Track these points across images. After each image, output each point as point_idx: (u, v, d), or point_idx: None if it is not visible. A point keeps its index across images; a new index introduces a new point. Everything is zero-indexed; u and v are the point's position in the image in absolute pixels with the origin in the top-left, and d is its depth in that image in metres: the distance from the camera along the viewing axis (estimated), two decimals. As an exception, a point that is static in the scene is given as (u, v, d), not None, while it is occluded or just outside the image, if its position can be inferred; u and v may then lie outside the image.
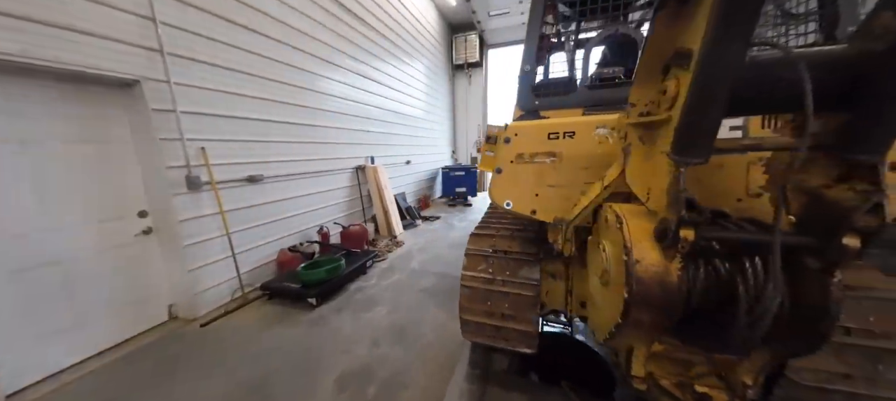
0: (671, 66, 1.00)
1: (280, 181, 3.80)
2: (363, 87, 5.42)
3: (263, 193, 3.60)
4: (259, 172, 3.51)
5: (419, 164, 7.85)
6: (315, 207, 4.39)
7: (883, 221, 0.85)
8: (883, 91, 0.80)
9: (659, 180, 1.07)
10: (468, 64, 9.61)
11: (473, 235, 2.26)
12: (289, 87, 3.84)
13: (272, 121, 3.65)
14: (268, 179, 3.62)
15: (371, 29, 5.55)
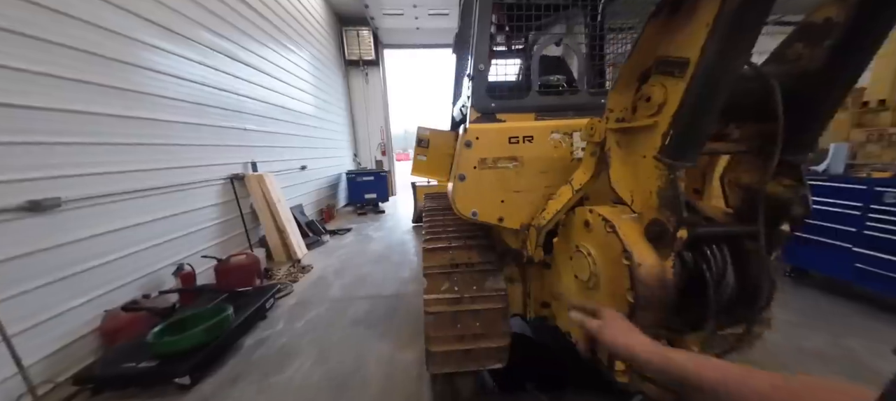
0: (652, 74, 1.00)
1: (95, 205, 2.41)
2: (233, 72, 4.15)
3: (62, 227, 2.20)
4: (51, 194, 2.12)
5: (317, 169, 6.74)
6: (165, 238, 3.03)
7: (808, 211, 1.04)
8: (803, 105, 0.93)
9: (642, 183, 1.07)
10: (363, 61, 8.92)
11: (427, 250, 1.92)
12: (97, 59, 2.48)
13: (68, 111, 2.27)
14: (69, 204, 2.23)
15: (240, 1, 4.31)
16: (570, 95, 1.82)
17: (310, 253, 4.71)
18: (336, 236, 5.64)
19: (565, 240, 1.47)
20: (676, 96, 0.92)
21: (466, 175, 1.62)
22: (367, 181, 7.36)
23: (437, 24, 8.53)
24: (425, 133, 2.73)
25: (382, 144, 9.74)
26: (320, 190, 6.92)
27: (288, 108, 5.63)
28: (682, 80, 0.90)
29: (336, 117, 8.04)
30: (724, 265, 1.10)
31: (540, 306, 1.86)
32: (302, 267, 4.12)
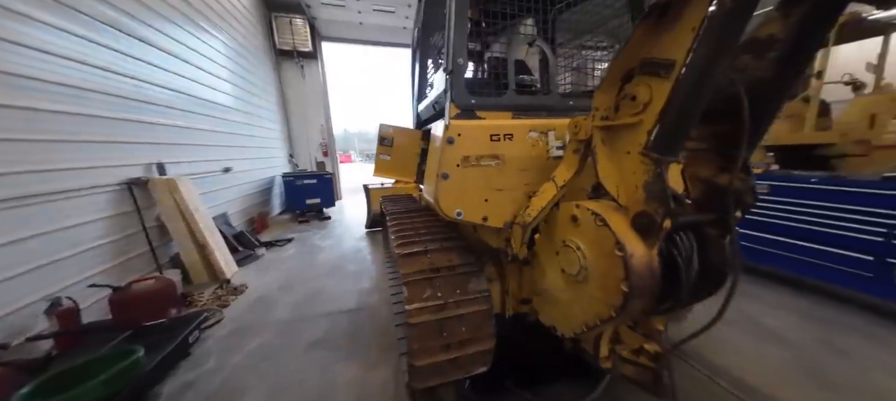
0: (636, 74, 1.07)
1: None
2: (131, 52, 3.32)
3: None
4: None
5: (245, 172, 5.86)
6: (31, 265, 2.25)
7: (756, 199, 1.24)
8: (752, 110, 1.06)
9: (627, 178, 1.14)
10: (299, 52, 8.09)
11: (403, 256, 1.78)
12: None
13: None
14: None
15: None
16: (543, 96, 1.87)
17: (242, 270, 4.03)
18: (274, 249, 4.95)
19: (549, 236, 1.49)
20: (662, 95, 0.98)
21: (450, 174, 1.53)
22: (308, 185, 6.66)
23: (381, 20, 8.21)
24: (389, 131, 2.55)
25: (324, 144, 8.97)
26: (249, 196, 6.02)
27: (205, 99, 4.75)
28: (668, 80, 0.96)
29: (266, 112, 7.11)
30: (691, 250, 1.23)
31: (519, 303, 1.88)
32: (233, 288, 3.49)
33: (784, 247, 3.08)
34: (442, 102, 1.86)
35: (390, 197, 3.86)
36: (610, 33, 2.15)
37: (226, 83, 5.44)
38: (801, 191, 2.96)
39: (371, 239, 5.34)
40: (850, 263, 2.62)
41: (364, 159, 57.39)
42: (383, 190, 5.48)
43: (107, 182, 2.91)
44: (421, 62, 2.59)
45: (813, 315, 2.65)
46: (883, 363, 2.07)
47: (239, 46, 6.01)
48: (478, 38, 2.24)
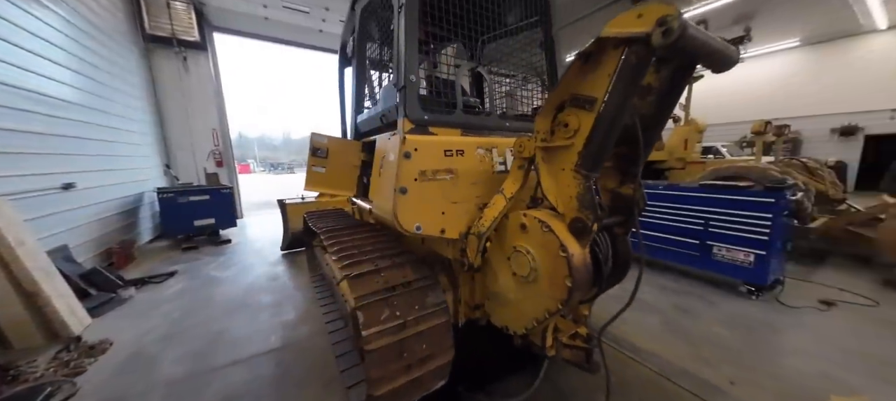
0: (567, 105, 1.33)
1: None
2: None
3: None
4: None
5: (96, 188, 4.43)
6: None
7: (645, 204, 1.64)
8: (640, 138, 1.41)
9: (563, 190, 1.39)
10: (179, 41, 6.64)
11: (353, 278, 1.67)
12: None
13: None
14: None
15: None
16: (485, 117, 2.04)
17: (99, 321, 3.01)
18: (148, 287, 3.85)
19: (500, 243, 1.63)
20: (588, 124, 1.23)
21: (408, 188, 1.53)
22: (197, 202, 5.43)
23: (292, 19, 7.46)
24: (323, 141, 2.34)
25: (217, 152, 7.49)
26: (104, 220, 4.56)
27: (34, 91, 3.44)
28: (591, 112, 1.22)
29: (126, 110, 5.53)
30: (607, 247, 1.55)
31: (471, 309, 1.96)
32: (88, 347, 2.57)
33: (645, 238, 4.08)
34: (392, 115, 1.84)
35: (316, 213, 3.50)
36: (530, 67, 2.51)
37: (66, 71, 4.04)
38: (653, 195, 3.97)
39: (290, 262, 4.70)
40: (685, 246, 3.65)
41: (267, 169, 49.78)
42: (304, 205, 4.93)
43: None
44: (358, 73, 2.48)
45: (668, 287, 3.58)
46: (715, 318, 2.93)
47: (82, 22, 4.55)
48: (424, 58, 2.31)
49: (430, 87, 2.20)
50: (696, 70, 1.38)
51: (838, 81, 10.90)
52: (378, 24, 2.22)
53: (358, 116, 2.55)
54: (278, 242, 5.41)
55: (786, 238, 3.14)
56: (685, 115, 6.33)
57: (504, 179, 1.84)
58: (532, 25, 2.25)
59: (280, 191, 17.02)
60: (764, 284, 3.09)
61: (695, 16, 8.23)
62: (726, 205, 3.25)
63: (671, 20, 0.85)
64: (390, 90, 1.83)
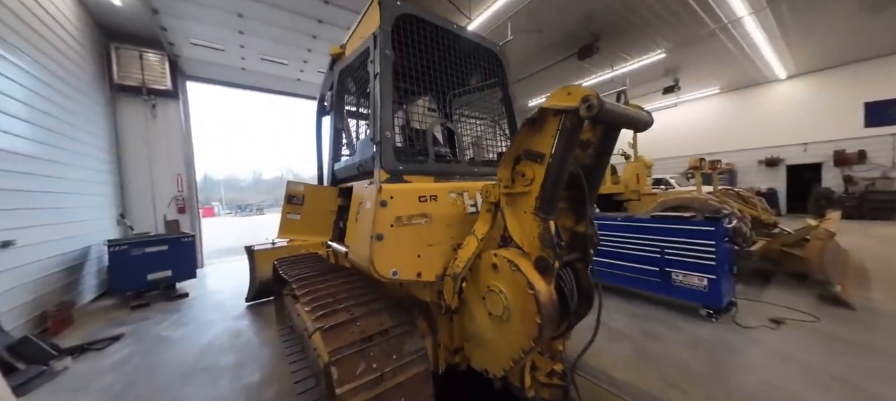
0: (522, 159, 1.53)
1: None
2: None
3: None
4: None
5: (35, 245, 4.02)
6: None
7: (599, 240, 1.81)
8: (587, 181, 1.63)
9: (527, 231, 1.56)
10: (149, 90, 6.58)
11: (327, 331, 1.66)
12: None
13: None
14: None
15: None
16: (455, 164, 2.21)
17: (25, 400, 2.60)
18: (88, 356, 3.41)
19: (475, 283, 1.70)
20: (541, 175, 1.42)
21: (384, 234, 1.59)
22: (152, 254, 5.04)
23: (269, 69, 7.71)
24: (299, 189, 2.38)
25: (180, 199, 7.13)
26: (42, 280, 4.09)
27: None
28: (542, 165, 1.41)
29: (81, 159, 5.24)
30: (571, 282, 1.67)
31: (451, 354, 1.95)
32: (5, 435, 2.20)
33: (612, 266, 4.31)
34: (368, 166, 1.95)
35: (288, 259, 3.39)
36: (492, 121, 2.78)
37: (18, 122, 3.85)
38: (613, 226, 4.28)
39: (255, 314, 4.40)
40: (647, 273, 3.90)
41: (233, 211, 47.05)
42: (275, 251, 4.74)
43: None
44: (335, 125, 2.62)
45: (636, 314, 3.75)
46: (680, 342, 3.09)
47: (46, 74, 4.45)
48: (397, 108, 2.49)
49: (403, 137, 2.37)
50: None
51: (758, 121, 12.75)
52: (355, 82, 2.42)
53: (335, 163, 2.65)
54: (242, 293, 5.07)
55: (731, 262, 3.47)
56: (634, 152, 7.06)
57: (475, 221, 1.96)
58: (491, 85, 2.56)
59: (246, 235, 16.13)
60: (720, 307, 3.34)
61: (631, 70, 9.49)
62: (675, 234, 3.59)
63: (592, 99, 1.07)
64: (367, 143, 1.97)
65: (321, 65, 7.64)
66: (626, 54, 8.54)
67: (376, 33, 1.86)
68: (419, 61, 2.09)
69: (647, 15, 6.78)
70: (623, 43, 7.97)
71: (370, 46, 1.92)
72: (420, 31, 2.04)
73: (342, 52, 2.46)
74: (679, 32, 7.60)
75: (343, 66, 2.41)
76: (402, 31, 1.97)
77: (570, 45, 7.77)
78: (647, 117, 1.32)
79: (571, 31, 7.27)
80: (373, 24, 1.91)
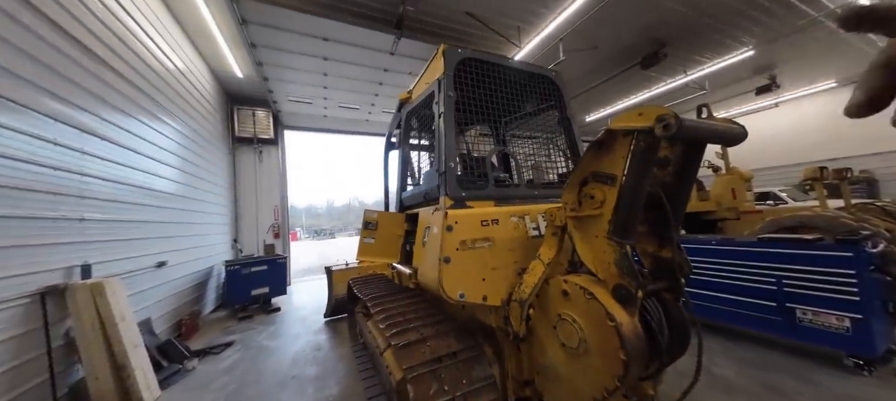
0: (589, 181, 1.47)
1: None
2: (77, 145, 3.08)
3: None
4: None
5: (180, 264, 5.13)
6: None
7: (690, 268, 1.60)
8: (670, 202, 1.47)
9: (600, 256, 1.44)
10: (258, 139, 8.14)
11: (399, 348, 1.75)
12: None
13: None
14: None
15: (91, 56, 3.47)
16: (514, 188, 2.24)
17: (167, 393, 3.26)
18: (208, 358, 4.14)
19: (543, 311, 1.64)
20: (612, 197, 1.34)
21: (451, 257, 1.68)
22: (256, 273, 6.00)
23: (344, 114, 8.91)
24: (373, 216, 2.67)
25: (276, 226, 8.42)
26: (181, 293, 5.17)
27: (146, 187, 4.36)
28: (614, 187, 1.33)
29: (213, 197, 6.63)
30: (660, 314, 1.49)
31: (521, 385, 1.88)
32: (157, 418, 2.77)
33: (710, 299, 3.63)
34: (434, 194, 2.11)
35: (360, 279, 3.72)
36: (548, 141, 2.74)
37: (171, 169, 5.11)
38: (707, 251, 3.67)
39: (332, 330, 4.83)
40: (760, 309, 3.19)
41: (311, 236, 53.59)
42: (348, 271, 5.22)
43: (14, 295, 2.35)
44: (403, 158, 2.92)
45: (751, 361, 3.07)
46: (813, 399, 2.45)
47: (192, 133, 5.87)
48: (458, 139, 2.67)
49: (463, 165, 2.50)
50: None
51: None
52: (420, 120, 2.69)
53: (402, 192, 2.91)
54: (321, 310, 5.63)
55: (885, 297, 2.67)
56: (725, 163, 6.07)
57: (539, 244, 1.93)
58: (547, 108, 2.57)
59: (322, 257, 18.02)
60: (874, 355, 2.56)
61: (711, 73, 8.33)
62: (797, 260, 2.92)
63: (668, 118, 1.02)
64: (432, 173, 2.14)
65: (386, 106, 8.55)
66: (701, 57, 7.62)
67: (441, 78, 2.07)
68: (478, 95, 2.23)
69: (722, 12, 6.02)
70: (696, 46, 7.16)
71: (435, 90, 2.14)
72: (478, 70, 2.20)
73: (409, 96, 2.77)
74: (769, 27, 6.52)
75: (410, 108, 2.71)
76: (462, 72, 2.15)
77: (632, 57, 7.28)
78: (738, 130, 1.19)
79: (631, 43, 6.83)
80: (438, 71, 2.13)
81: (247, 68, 6.58)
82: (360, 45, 5.93)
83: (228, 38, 5.63)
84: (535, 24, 5.89)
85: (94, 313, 2.85)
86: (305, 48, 5.99)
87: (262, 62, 6.29)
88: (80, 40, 3.11)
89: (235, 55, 6.17)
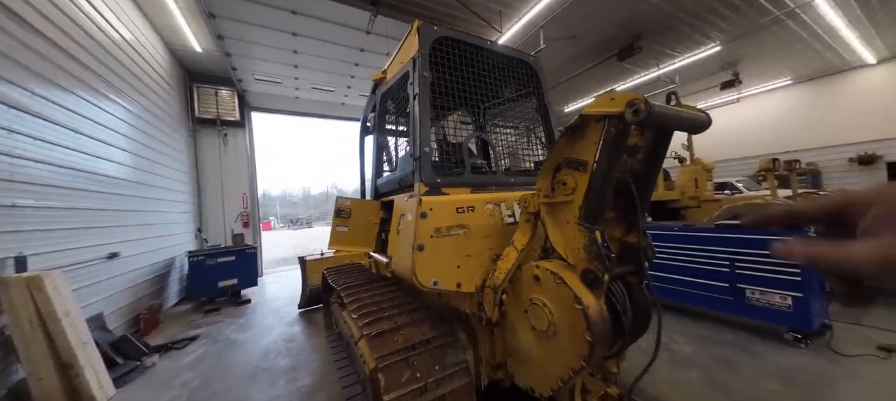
0: (563, 167, 1.46)
1: None
2: (8, 123, 2.71)
3: None
4: None
5: (135, 255, 4.76)
6: None
7: (654, 253, 1.66)
8: (636, 191, 1.49)
9: (571, 242, 1.46)
10: (222, 121, 7.59)
11: (372, 337, 1.72)
12: None
13: None
14: None
15: (17, 20, 3.04)
16: (491, 174, 2.22)
17: (123, 393, 3.05)
18: (171, 354, 3.90)
19: (516, 296, 1.66)
20: (583, 183, 1.35)
21: (425, 245, 1.64)
22: (223, 264, 5.68)
23: (318, 96, 8.47)
24: (346, 203, 2.56)
25: (245, 214, 7.99)
26: (138, 286, 4.82)
27: (93, 172, 3.96)
28: (585, 173, 1.34)
29: (172, 183, 6.16)
30: (624, 297, 1.54)
31: (493, 369, 1.91)
32: (111, 418, 2.58)
33: (672, 282, 3.89)
34: (409, 180, 2.04)
35: (336, 269, 3.61)
36: (527, 130, 2.73)
37: (122, 152, 4.66)
38: (670, 237, 3.89)
39: (307, 321, 4.71)
40: (715, 289, 3.46)
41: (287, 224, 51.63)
42: (323, 261, 5.07)
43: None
44: (377, 143, 2.80)
45: (707, 337, 3.33)
46: (763, 372, 2.68)
47: (146, 113, 5.36)
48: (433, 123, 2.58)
49: (440, 151, 2.44)
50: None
51: (844, 113, 10.86)
52: (395, 103, 2.58)
53: (378, 178, 2.81)
54: (295, 301, 5.47)
55: (822, 278, 2.96)
56: (690, 154, 6.42)
57: (514, 231, 1.93)
58: (526, 94, 2.54)
59: (298, 246, 17.47)
60: (810, 331, 2.84)
61: (681, 67, 8.71)
62: (748, 244, 3.16)
63: (639, 103, 1.02)
64: (407, 159, 2.07)
65: (363, 89, 8.21)
66: (673, 51, 7.93)
67: (415, 57, 1.97)
68: (455, 78, 2.16)
69: (696, 8, 6.26)
70: (669, 40, 7.42)
71: (409, 70, 2.04)
72: (455, 51, 2.11)
73: (383, 76, 2.63)
74: (735, 23, 6.87)
75: (384, 89, 2.58)
76: (438, 52, 2.06)
77: (609, 48, 7.43)
78: (704, 118, 1.21)
79: (609, 35, 6.96)
80: (412, 49, 2.03)
81: (206, 42, 6.05)
82: (333, 20, 5.58)
83: (183, 6, 5.12)
84: (517, 8, 5.82)
85: (32, 308, 2.57)
86: (272, 21, 5.55)
87: (223, 36, 5.77)
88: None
89: (192, 27, 5.63)
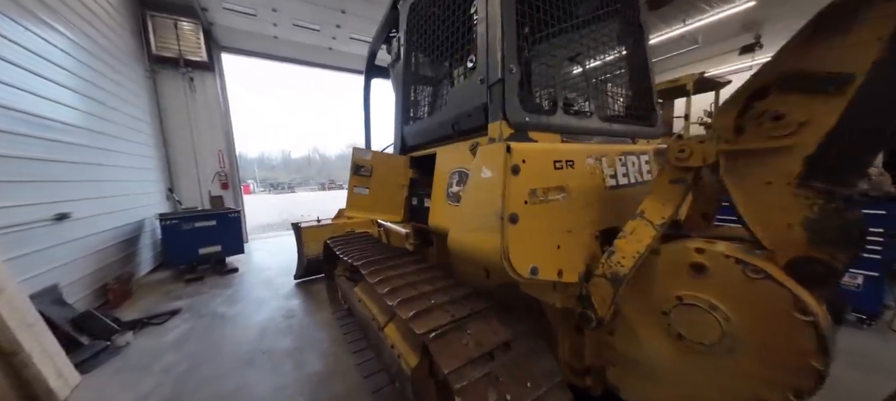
0: (773, 92, 0.88)
1: None
2: None
3: None
4: None
5: (92, 217, 4.00)
6: None
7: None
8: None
9: (771, 215, 0.93)
10: (186, 61, 6.40)
11: (434, 338, 1.23)
12: None
13: None
14: None
15: None
16: (588, 119, 1.63)
17: (89, 379, 2.53)
18: (148, 331, 3.36)
19: (641, 289, 1.18)
20: (829, 115, 0.80)
21: (519, 215, 1.11)
22: (203, 228, 4.99)
23: (301, 38, 7.27)
24: (366, 158, 1.94)
25: (222, 174, 7.12)
26: (103, 253, 4.11)
27: (33, 114, 3.10)
28: (840, 96, 0.78)
29: (129, 132, 5.17)
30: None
31: (577, 375, 1.49)
32: (74, 417, 2.08)
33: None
34: (470, 122, 1.45)
35: (342, 239, 3.07)
36: (620, 61, 2.01)
37: (66, 91, 3.71)
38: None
39: (306, 293, 4.23)
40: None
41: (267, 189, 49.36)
42: (321, 229, 4.50)
43: None
44: (405, 79, 2.12)
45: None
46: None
47: (90, 44, 4.28)
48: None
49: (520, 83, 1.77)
50: None
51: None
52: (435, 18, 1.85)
53: (404, 126, 2.16)
54: (289, 270, 4.96)
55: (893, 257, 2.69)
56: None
57: (617, 198, 1.42)
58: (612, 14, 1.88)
59: (283, 212, 16.56)
60: (877, 312, 2.63)
61: (705, 26, 8.02)
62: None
63: None
64: (471, 88, 1.45)
65: (356, 30, 7.09)
66: (706, 4, 7.18)
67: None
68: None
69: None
70: (704, -12, 6.66)
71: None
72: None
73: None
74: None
75: (412, 0, 1.86)
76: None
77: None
78: None
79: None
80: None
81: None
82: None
83: None
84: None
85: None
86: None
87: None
88: None
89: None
